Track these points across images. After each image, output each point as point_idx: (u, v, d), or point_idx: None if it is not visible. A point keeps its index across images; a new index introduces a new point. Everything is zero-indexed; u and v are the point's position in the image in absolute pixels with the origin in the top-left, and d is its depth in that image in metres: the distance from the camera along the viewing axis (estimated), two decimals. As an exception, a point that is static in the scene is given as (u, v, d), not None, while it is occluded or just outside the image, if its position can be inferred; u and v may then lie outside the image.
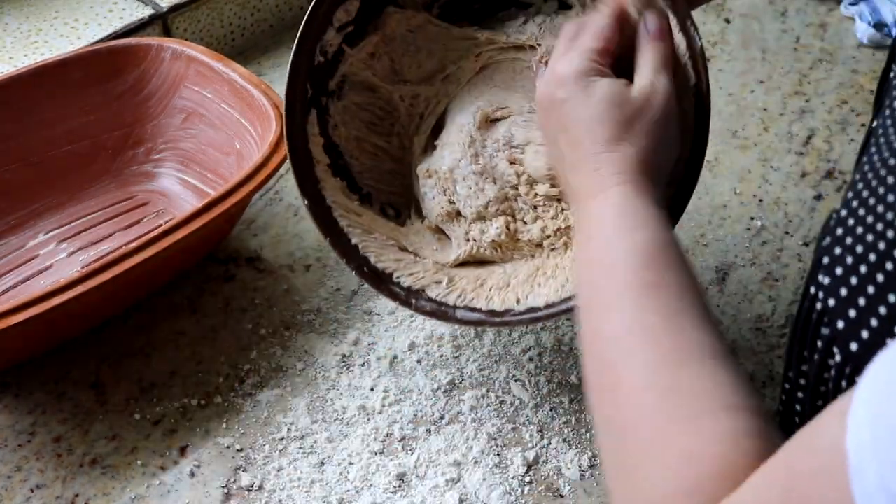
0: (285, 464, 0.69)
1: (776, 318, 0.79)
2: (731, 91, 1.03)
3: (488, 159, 0.72)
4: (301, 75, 0.72)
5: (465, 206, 0.73)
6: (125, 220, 0.87)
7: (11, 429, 0.72)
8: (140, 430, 0.72)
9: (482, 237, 0.72)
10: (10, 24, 1.03)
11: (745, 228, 0.87)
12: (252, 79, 0.85)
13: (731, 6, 1.15)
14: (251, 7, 1.09)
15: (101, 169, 0.90)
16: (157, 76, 0.90)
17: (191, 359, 0.77)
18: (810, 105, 1.01)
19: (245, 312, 0.80)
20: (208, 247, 0.84)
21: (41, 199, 0.87)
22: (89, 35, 1.00)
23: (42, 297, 0.66)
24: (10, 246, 0.84)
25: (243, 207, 0.83)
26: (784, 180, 0.92)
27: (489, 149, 0.72)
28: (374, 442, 0.70)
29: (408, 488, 0.67)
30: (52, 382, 0.75)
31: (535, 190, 0.71)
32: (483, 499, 0.66)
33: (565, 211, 0.71)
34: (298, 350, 0.77)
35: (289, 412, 0.73)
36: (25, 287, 0.81)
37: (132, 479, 0.69)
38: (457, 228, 0.74)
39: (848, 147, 0.95)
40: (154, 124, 0.91)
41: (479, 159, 0.72)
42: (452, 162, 0.72)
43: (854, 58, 1.07)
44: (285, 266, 0.85)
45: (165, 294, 0.82)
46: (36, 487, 0.69)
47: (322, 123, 0.74)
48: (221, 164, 0.87)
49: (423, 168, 0.74)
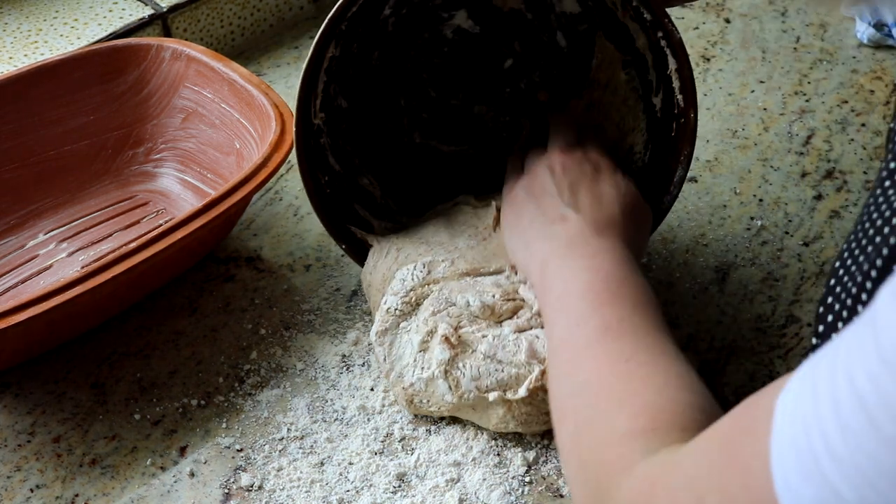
0: (285, 464, 0.69)
1: (776, 318, 0.79)
2: (731, 91, 1.03)
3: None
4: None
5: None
6: (125, 220, 0.87)
7: (11, 429, 0.72)
8: (140, 430, 0.72)
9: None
10: (10, 24, 1.03)
11: (745, 228, 0.87)
12: (252, 79, 0.85)
13: (731, 6, 1.15)
14: (251, 7, 1.09)
15: (101, 169, 0.90)
16: (157, 76, 0.90)
17: (191, 359, 0.77)
18: (810, 105, 1.01)
19: (245, 312, 0.80)
20: (208, 247, 0.84)
21: (41, 199, 0.87)
22: (89, 35, 1.00)
23: (42, 297, 0.66)
24: (10, 246, 0.84)
25: (243, 207, 0.83)
26: (784, 180, 0.92)
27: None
28: (374, 442, 0.70)
29: (408, 488, 0.67)
30: (52, 382, 0.75)
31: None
32: (483, 499, 0.66)
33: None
34: (298, 350, 0.77)
35: (289, 412, 0.73)
36: (25, 287, 0.81)
37: (132, 479, 0.69)
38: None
39: (848, 147, 0.95)
40: (154, 124, 0.91)
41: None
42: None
43: (854, 58, 1.07)
44: (285, 266, 0.85)
45: (165, 294, 0.82)
46: (36, 487, 0.69)
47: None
48: (221, 164, 0.87)
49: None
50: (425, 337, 0.70)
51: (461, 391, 0.68)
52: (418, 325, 0.70)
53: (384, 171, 0.82)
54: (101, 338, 0.78)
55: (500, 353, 0.68)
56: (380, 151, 0.82)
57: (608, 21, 0.77)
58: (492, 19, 0.80)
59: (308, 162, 0.74)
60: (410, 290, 0.72)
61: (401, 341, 0.71)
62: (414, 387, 0.69)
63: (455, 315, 0.70)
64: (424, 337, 0.70)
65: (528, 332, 0.69)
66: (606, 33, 0.78)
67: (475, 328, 0.69)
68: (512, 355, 0.68)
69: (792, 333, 0.78)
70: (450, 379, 0.68)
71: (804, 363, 0.39)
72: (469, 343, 0.69)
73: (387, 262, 0.75)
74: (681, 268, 0.83)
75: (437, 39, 0.81)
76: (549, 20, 0.80)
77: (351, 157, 0.80)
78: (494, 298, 0.70)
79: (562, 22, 0.79)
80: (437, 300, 0.71)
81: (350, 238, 0.78)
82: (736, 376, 0.75)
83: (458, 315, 0.70)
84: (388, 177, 0.82)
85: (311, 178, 0.75)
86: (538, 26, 0.80)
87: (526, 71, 0.82)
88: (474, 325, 0.70)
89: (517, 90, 0.83)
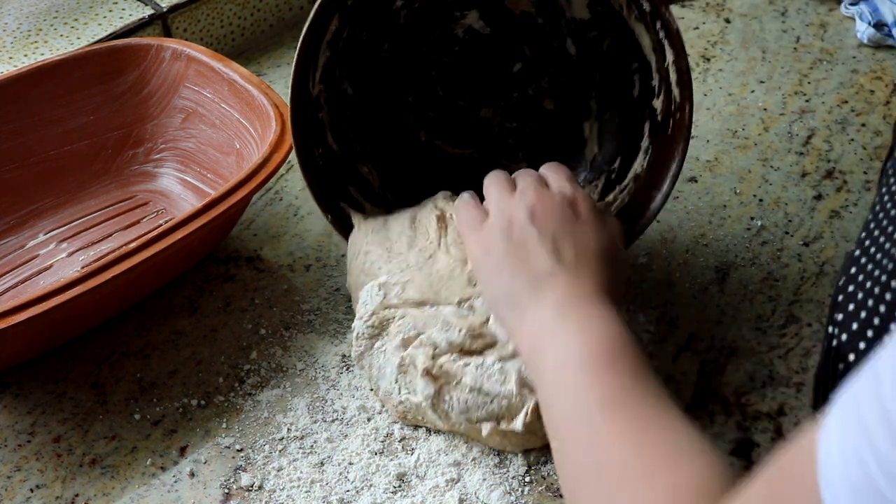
0: (285, 464, 0.69)
1: (776, 318, 0.79)
2: (731, 91, 1.03)
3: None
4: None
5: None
6: (125, 220, 0.87)
7: (11, 429, 0.72)
8: (140, 430, 0.72)
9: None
10: (10, 24, 1.03)
11: (745, 228, 0.87)
12: (252, 79, 0.85)
13: (731, 6, 1.15)
14: (251, 7, 1.09)
15: (101, 169, 0.90)
16: (157, 76, 0.90)
17: (191, 359, 0.77)
18: (810, 105, 1.01)
19: (245, 312, 0.80)
20: (208, 247, 0.84)
21: (41, 199, 0.87)
22: (89, 35, 1.00)
23: (42, 297, 0.66)
24: (10, 246, 0.84)
25: (243, 207, 0.83)
26: (784, 180, 0.92)
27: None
28: (374, 442, 0.70)
29: (408, 488, 0.67)
30: (52, 382, 0.75)
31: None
32: (483, 499, 0.66)
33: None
34: (298, 350, 0.77)
35: (289, 412, 0.73)
36: (25, 287, 0.81)
37: (132, 479, 0.69)
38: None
39: (848, 147, 0.95)
40: (154, 124, 0.91)
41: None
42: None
43: (854, 58, 1.07)
44: (285, 266, 0.85)
45: (165, 294, 0.82)
46: (36, 487, 0.69)
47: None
48: (221, 164, 0.87)
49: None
50: (402, 361, 0.69)
51: (451, 421, 0.68)
52: (392, 349, 0.69)
53: (386, 163, 0.82)
54: (101, 338, 0.78)
55: (486, 385, 0.66)
56: (384, 144, 0.82)
57: (617, 27, 0.77)
58: (503, 21, 0.80)
59: (300, 130, 0.74)
60: (372, 313, 0.71)
61: (379, 362, 0.70)
62: (404, 405, 0.69)
63: (428, 344, 0.68)
64: (401, 361, 0.69)
65: (512, 360, 0.67)
66: (614, 40, 0.78)
67: (454, 356, 0.68)
68: (500, 385, 0.66)
69: (792, 333, 0.78)
70: (438, 410, 0.68)
71: (838, 397, 0.37)
72: (452, 374, 0.67)
73: (357, 264, 0.75)
74: (681, 268, 0.83)
75: (448, 38, 0.81)
76: (560, 26, 0.80)
77: (353, 143, 0.80)
78: (461, 334, 0.68)
79: (572, 28, 0.79)
80: (404, 327, 0.69)
81: (338, 212, 0.77)
82: (736, 376, 0.75)
83: (431, 343, 0.68)
84: (390, 169, 0.82)
85: (304, 144, 0.75)
86: (548, 31, 0.80)
87: (535, 76, 0.82)
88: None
89: (525, 95, 0.83)
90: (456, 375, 0.67)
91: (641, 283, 0.82)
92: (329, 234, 0.87)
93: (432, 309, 0.70)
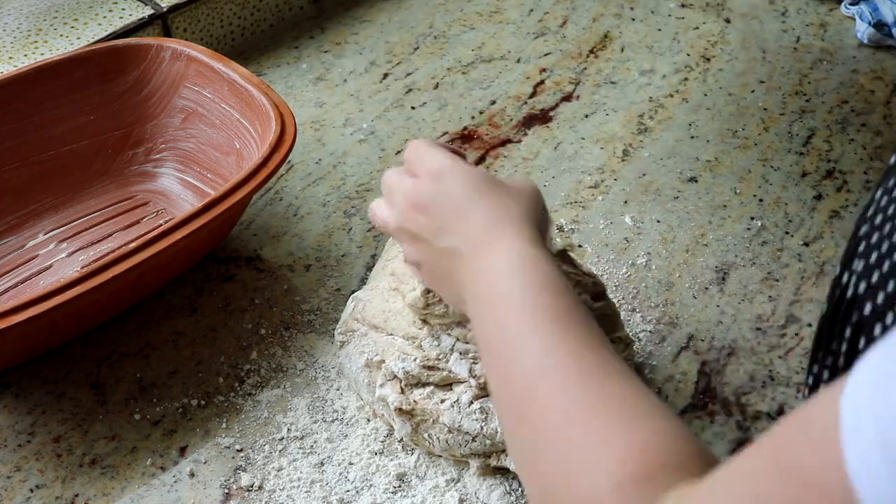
0: (285, 464, 0.69)
1: (776, 318, 0.79)
2: (731, 91, 1.03)
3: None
4: None
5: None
6: (125, 220, 0.87)
7: (11, 429, 0.72)
8: (140, 430, 0.72)
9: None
10: (10, 24, 1.03)
11: (745, 228, 0.87)
12: (252, 79, 0.85)
13: (731, 6, 1.15)
14: (251, 7, 1.09)
15: (101, 169, 0.90)
16: (157, 76, 0.90)
17: (191, 359, 0.77)
18: (810, 105, 1.01)
19: (245, 312, 0.80)
20: (208, 247, 0.84)
21: (41, 199, 0.87)
22: (89, 35, 1.00)
23: (42, 297, 0.66)
24: (10, 246, 0.84)
25: (243, 207, 0.83)
26: (784, 180, 0.92)
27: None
28: (374, 442, 0.70)
29: (408, 488, 0.67)
30: (52, 382, 0.75)
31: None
32: (483, 499, 0.66)
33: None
34: (298, 350, 0.77)
35: (289, 412, 0.73)
36: (25, 287, 0.81)
37: (132, 479, 0.69)
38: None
39: (848, 147, 0.95)
40: (154, 124, 0.91)
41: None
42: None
43: (854, 58, 1.07)
44: (285, 266, 0.85)
45: (165, 294, 0.82)
46: (36, 487, 0.69)
47: None
48: (221, 164, 0.87)
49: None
50: (371, 380, 0.69)
51: (437, 452, 0.68)
52: (360, 366, 0.70)
53: None
54: (101, 338, 0.78)
55: (465, 425, 0.65)
56: None
57: None
58: None
59: None
60: (344, 322, 0.73)
61: (353, 374, 0.71)
62: (384, 418, 0.70)
63: (391, 378, 0.68)
64: (370, 380, 0.69)
65: (488, 399, 0.66)
66: None
67: (430, 389, 0.67)
68: (480, 425, 0.65)
69: (792, 333, 0.78)
70: (420, 443, 0.68)
71: (860, 362, 0.35)
72: (428, 411, 0.66)
73: (378, 267, 0.76)
74: (681, 268, 0.83)
75: None
76: None
77: None
78: (416, 364, 0.67)
79: None
80: (366, 347, 0.70)
81: None
82: (736, 376, 0.75)
83: (391, 375, 0.68)
84: None
85: None
86: None
87: None
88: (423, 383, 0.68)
89: None
90: (432, 414, 0.66)
91: (641, 284, 0.82)
92: (329, 233, 0.87)
93: (388, 337, 0.69)
